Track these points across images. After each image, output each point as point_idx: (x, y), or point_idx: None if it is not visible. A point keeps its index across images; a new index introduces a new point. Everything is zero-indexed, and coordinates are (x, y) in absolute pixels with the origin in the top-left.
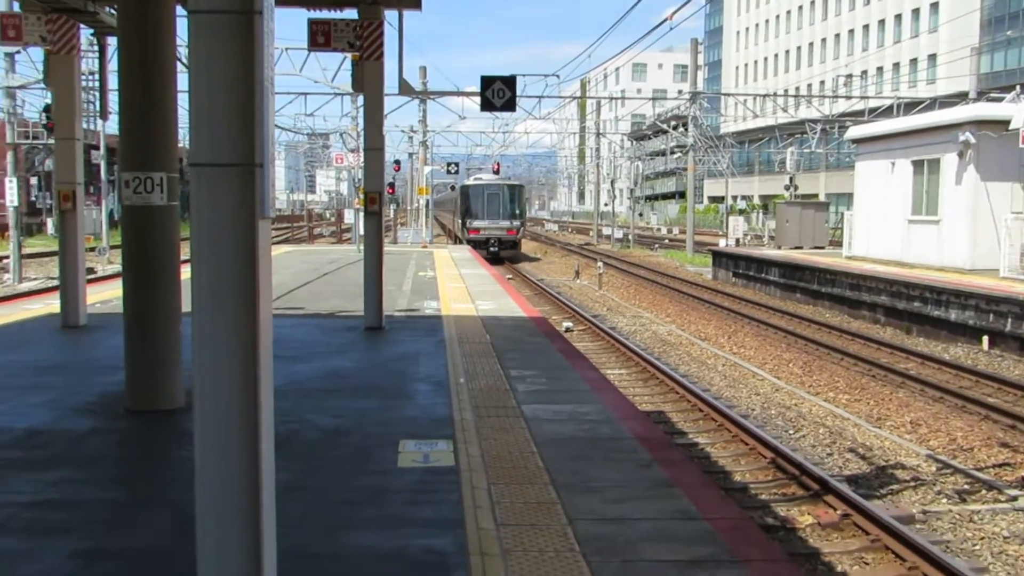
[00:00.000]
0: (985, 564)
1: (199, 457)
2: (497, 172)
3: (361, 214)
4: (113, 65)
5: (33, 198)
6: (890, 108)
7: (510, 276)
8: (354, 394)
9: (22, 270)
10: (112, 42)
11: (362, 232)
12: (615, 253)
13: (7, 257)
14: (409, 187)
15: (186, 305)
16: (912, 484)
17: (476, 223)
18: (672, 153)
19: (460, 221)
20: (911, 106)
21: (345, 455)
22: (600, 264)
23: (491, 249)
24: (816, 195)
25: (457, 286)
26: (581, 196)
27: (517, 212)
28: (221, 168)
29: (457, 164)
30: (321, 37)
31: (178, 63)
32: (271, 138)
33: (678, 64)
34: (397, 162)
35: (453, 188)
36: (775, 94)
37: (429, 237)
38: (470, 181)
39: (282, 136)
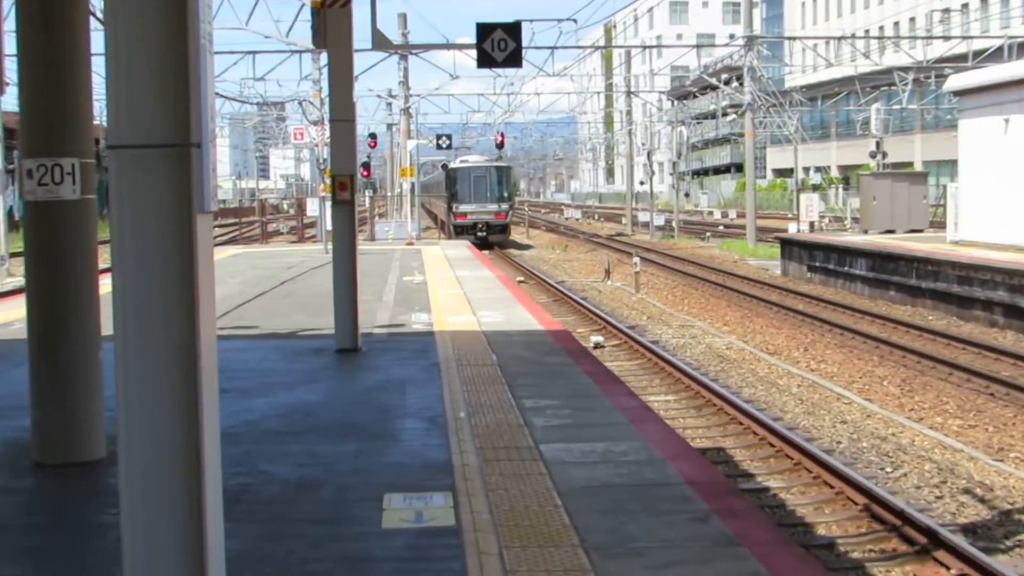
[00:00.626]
0: None
1: (126, 523)
2: (501, 145)
3: (328, 204)
4: (10, 24)
5: None
6: (1000, 50)
7: (521, 279)
8: (324, 436)
9: None
10: None
11: (330, 227)
12: (656, 245)
13: None
14: (389, 168)
15: (107, 327)
16: None
17: (463, 207)
18: (724, 115)
19: (446, 206)
20: None
21: (314, 515)
22: (637, 260)
23: (479, 234)
24: (910, 164)
25: (454, 293)
26: (610, 173)
27: (505, 195)
28: (148, 150)
29: (449, 137)
30: None
31: (91, 18)
32: (211, 110)
33: (728, 1)
34: (373, 136)
35: (445, 167)
36: (853, 36)
37: (416, 231)
38: (456, 164)
39: (225, 107)
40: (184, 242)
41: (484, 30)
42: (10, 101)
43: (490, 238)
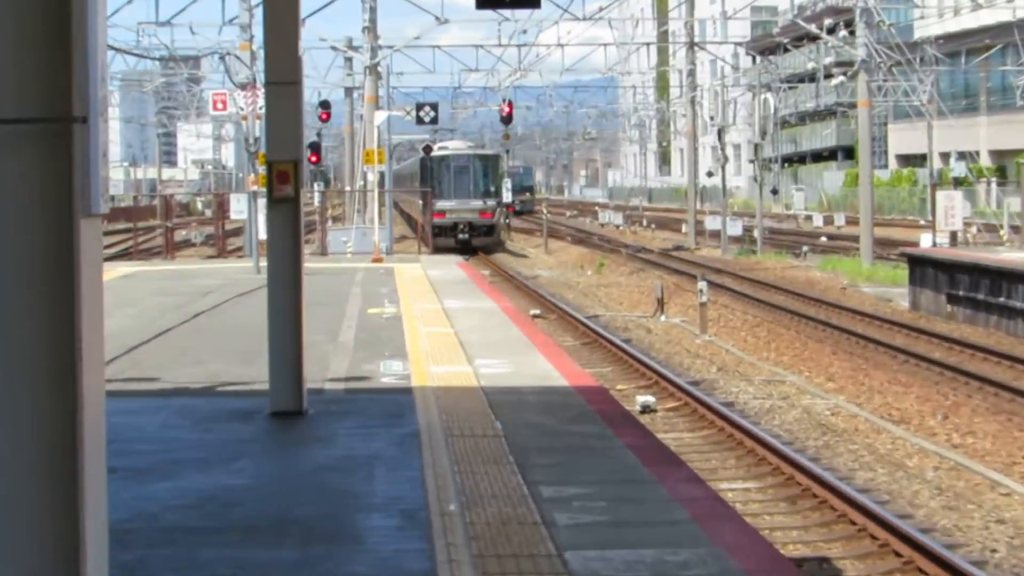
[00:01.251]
0: None
1: None
2: (508, 119)
3: (262, 204)
4: None
5: None
6: None
7: (536, 312)
8: (252, 536)
9: None
10: None
11: (264, 236)
12: (730, 264)
13: None
14: (349, 151)
15: None
16: None
17: (441, 204)
18: (828, 77)
19: (421, 203)
20: None
21: None
22: (703, 286)
23: (460, 236)
24: None
25: (440, 332)
26: (664, 160)
27: (492, 189)
28: (10, 127)
29: (435, 107)
30: None
31: None
32: (102, 73)
33: None
34: (325, 106)
35: (428, 150)
36: None
37: (387, 242)
38: (432, 153)
39: (115, 63)
40: (59, 256)
41: None
42: None
43: (473, 241)
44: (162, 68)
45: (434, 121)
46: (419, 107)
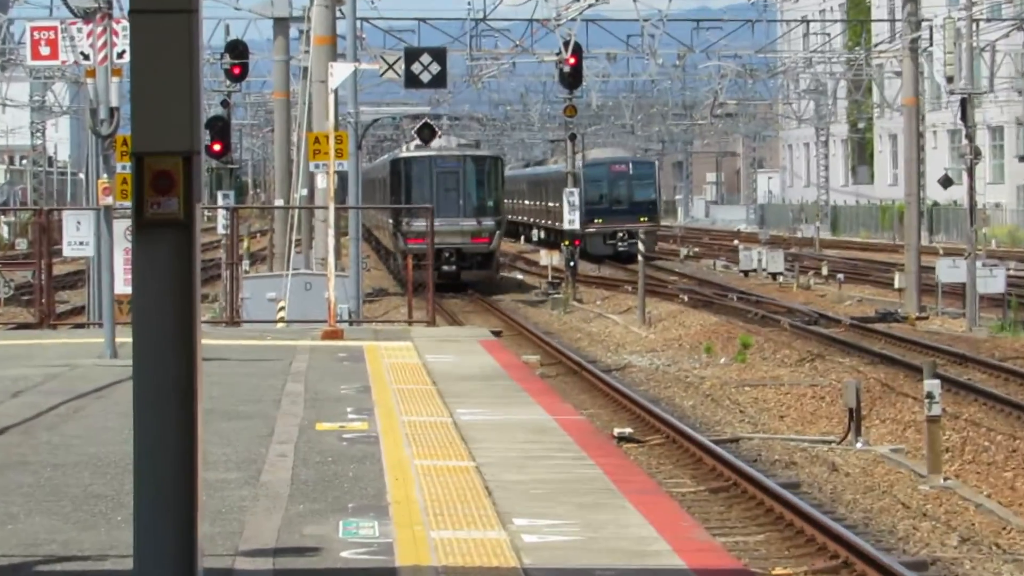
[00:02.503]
0: None
1: None
2: (575, 74)
3: (122, 229)
4: None
5: None
6: None
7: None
8: None
9: None
10: None
11: (125, 289)
12: (983, 348)
13: None
14: (282, 137)
15: None
16: None
17: (418, 224)
18: None
19: (391, 222)
20: None
21: None
22: (933, 386)
23: (445, 267)
24: None
25: (447, 466)
26: (860, 156)
27: (490, 204)
28: None
29: (438, 56)
30: None
31: None
32: None
33: None
34: (237, 51)
35: (428, 134)
36: None
37: (352, 299)
38: (408, 152)
39: None
40: None
41: None
42: None
43: (463, 276)
44: None
45: (438, 82)
46: (411, 56)
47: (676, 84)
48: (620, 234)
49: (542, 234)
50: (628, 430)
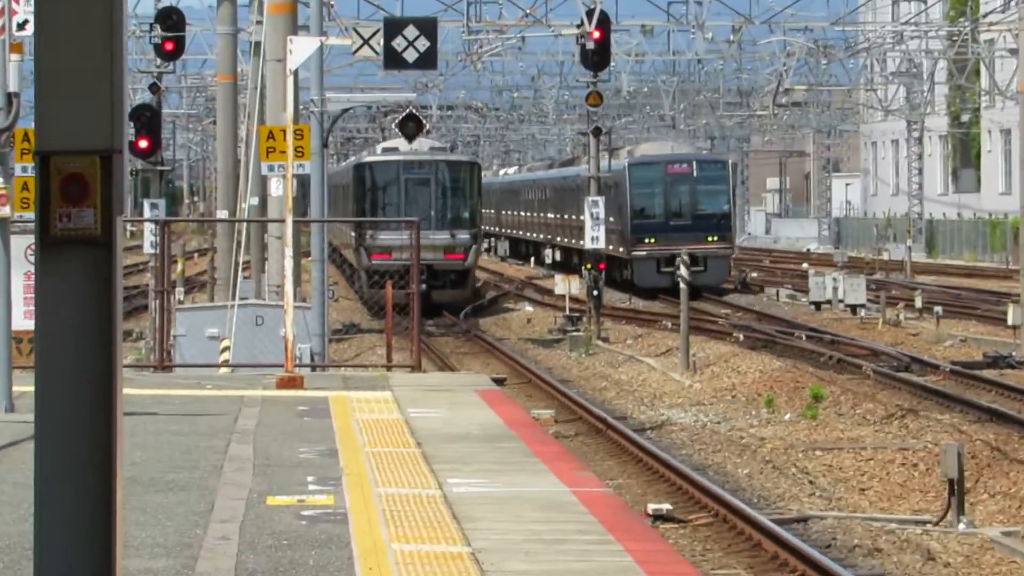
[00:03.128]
0: None
1: None
2: (602, 52)
3: (22, 247)
4: None
5: None
6: None
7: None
8: None
9: None
10: None
11: (24, 324)
12: None
13: None
14: (227, 130)
15: None
16: None
17: (384, 238)
18: None
19: (354, 235)
20: None
21: None
22: None
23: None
24: None
25: (436, 552)
26: (964, 158)
27: (465, 216)
28: None
29: (427, 28)
30: None
31: None
32: None
33: None
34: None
35: (415, 127)
36: None
37: (317, 337)
38: (373, 156)
39: None
40: None
41: None
42: None
43: (434, 294)
44: None
45: (426, 62)
46: (392, 28)
47: (730, 65)
48: (680, 259)
49: (557, 255)
50: (666, 506)
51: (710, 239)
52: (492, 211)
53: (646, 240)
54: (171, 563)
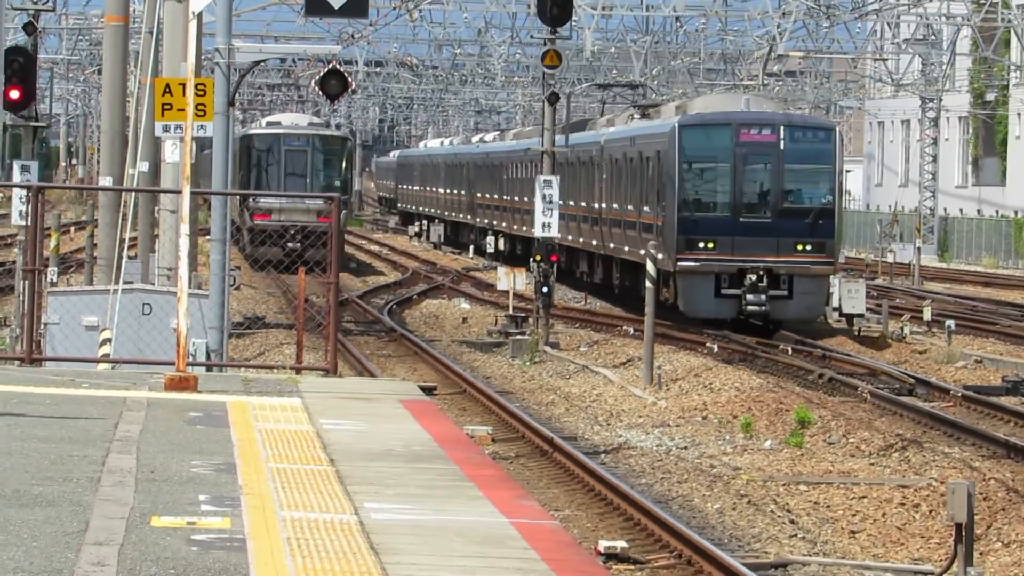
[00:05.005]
0: None
1: None
2: (561, 6)
3: None
4: None
5: None
6: None
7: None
8: None
9: None
10: None
11: None
12: None
13: None
14: (115, 81)
15: None
16: None
17: (265, 201)
18: None
19: (239, 198)
20: None
21: None
22: None
23: (291, 244)
24: None
25: None
26: (987, 145)
27: (337, 183)
28: None
29: None
30: None
31: None
32: None
33: None
34: None
35: (328, 86)
36: None
37: (216, 331)
38: (258, 128)
39: None
40: None
41: None
42: None
43: (307, 253)
44: None
45: (354, 9)
46: None
47: (713, 24)
48: (754, 277)
49: (502, 244)
50: (621, 544)
51: (801, 247)
52: (430, 189)
53: (700, 245)
54: None
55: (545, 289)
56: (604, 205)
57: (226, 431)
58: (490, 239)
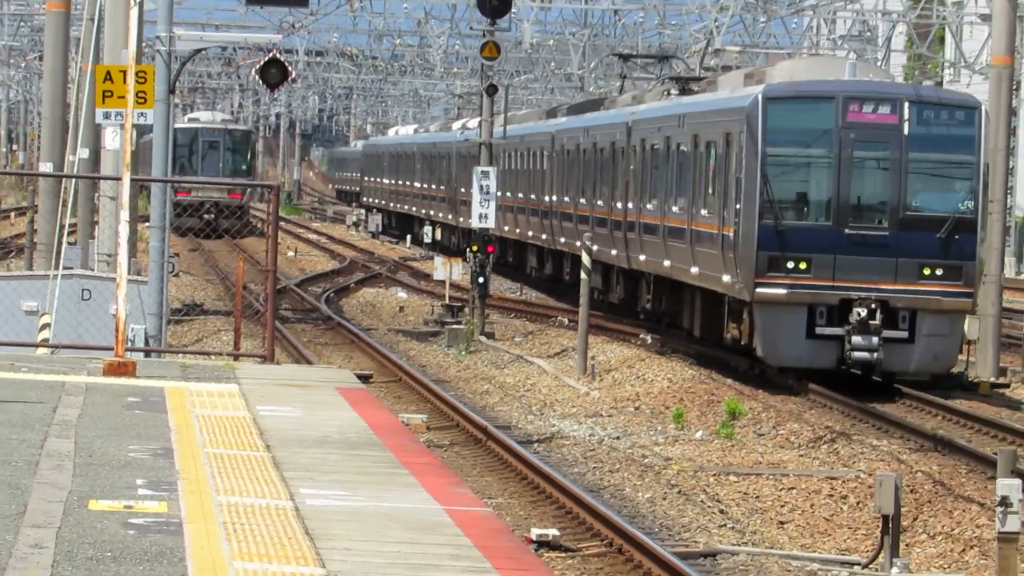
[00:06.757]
0: None
1: None
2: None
3: None
4: None
5: None
6: None
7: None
8: None
9: None
10: None
11: None
12: None
13: None
14: (55, 64)
15: None
16: None
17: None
18: None
19: None
20: None
21: None
22: (1010, 487)
23: (206, 216)
24: None
25: (285, 573)
26: None
27: (243, 168)
28: None
29: None
30: None
31: None
32: None
33: None
34: None
35: (268, 76)
36: None
37: (154, 317)
38: (180, 123)
39: None
40: None
41: None
42: None
43: (221, 222)
44: None
45: None
46: None
47: (651, 18)
48: (863, 311)
49: (438, 234)
50: (553, 532)
51: (929, 272)
52: (405, 183)
53: (790, 266)
54: None
55: (481, 279)
56: (631, 205)
57: (164, 416)
58: (427, 229)
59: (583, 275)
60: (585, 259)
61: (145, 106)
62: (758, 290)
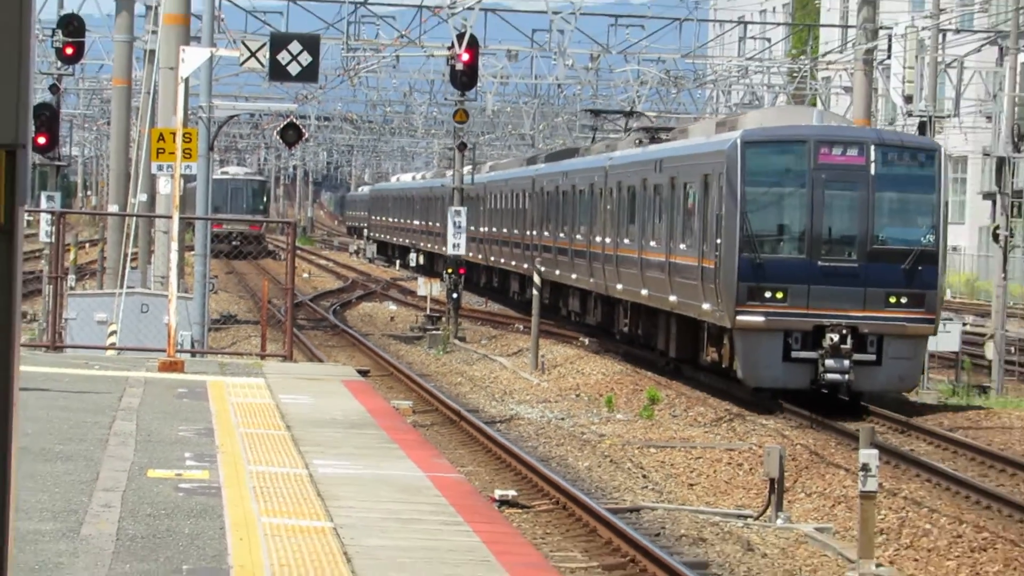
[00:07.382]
0: None
1: None
2: (469, 73)
3: None
4: None
5: None
6: None
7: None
8: None
9: None
10: None
11: None
12: (934, 415)
13: None
14: (120, 132)
15: None
16: None
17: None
18: None
19: None
20: None
21: None
22: (869, 456)
23: (235, 243)
24: None
25: (301, 527)
26: None
27: (261, 207)
28: None
29: (311, 44)
30: None
31: None
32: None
33: None
34: (72, 27)
35: (287, 136)
36: None
37: (198, 326)
38: (215, 176)
39: None
40: None
41: None
42: None
43: (244, 247)
44: None
45: (308, 75)
46: (278, 43)
47: (587, 90)
48: (835, 336)
49: (421, 259)
50: (512, 492)
51: (894, 300)
52: (380, 217)
53: (767, 295)
54: (58, 526)
55: (455, 295)
56: (608, 240)
57: (206, 403)
58: (412, 255)
59: (534, 292)
60: (536, 279)
61: (190, 160)
62: (739, 317)
